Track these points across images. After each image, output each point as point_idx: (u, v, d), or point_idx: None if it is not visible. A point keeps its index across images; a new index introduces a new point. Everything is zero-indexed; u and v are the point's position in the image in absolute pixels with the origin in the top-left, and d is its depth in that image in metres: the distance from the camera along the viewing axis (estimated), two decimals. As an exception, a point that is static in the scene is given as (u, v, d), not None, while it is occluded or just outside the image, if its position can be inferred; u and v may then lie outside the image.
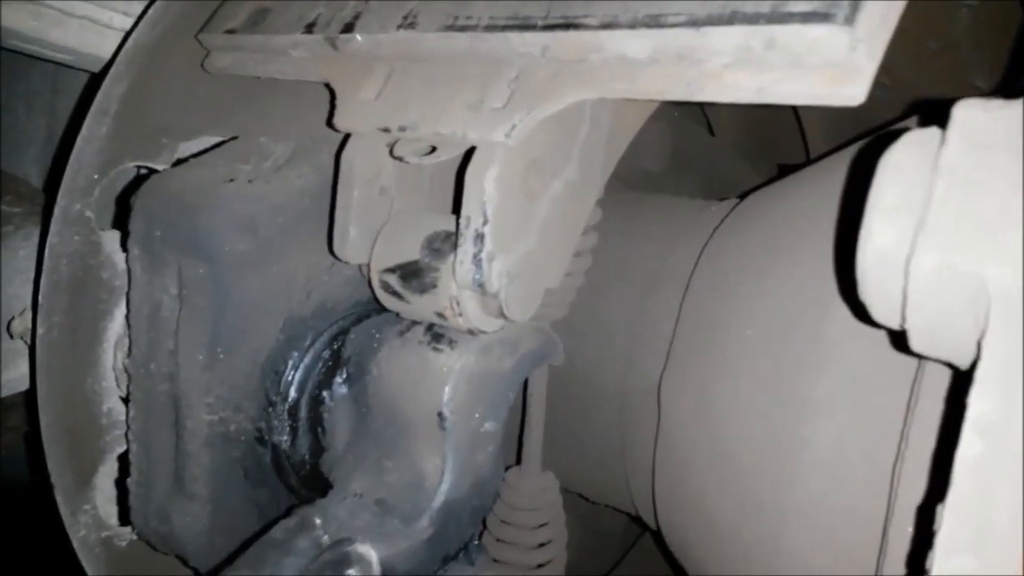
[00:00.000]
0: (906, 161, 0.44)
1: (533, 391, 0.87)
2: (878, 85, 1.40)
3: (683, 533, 0.86)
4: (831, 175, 0.76)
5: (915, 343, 0.45)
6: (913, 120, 0.73)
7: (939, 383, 0.55)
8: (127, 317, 0.84)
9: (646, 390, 0.87)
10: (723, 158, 1.32)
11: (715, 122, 1.37)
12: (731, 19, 0.52)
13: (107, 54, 1.07)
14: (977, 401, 0.39)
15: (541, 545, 0.89)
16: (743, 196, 0.96)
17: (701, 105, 1.38)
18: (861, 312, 0.47)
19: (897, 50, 1.27)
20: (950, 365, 0.46)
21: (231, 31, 0.82)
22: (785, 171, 1.36)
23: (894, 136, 0.47)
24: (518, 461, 0.91)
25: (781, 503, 0.68)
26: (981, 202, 0.41)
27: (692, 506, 0.82)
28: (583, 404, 0.94)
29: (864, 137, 0.88)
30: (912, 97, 1.22)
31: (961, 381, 0.40)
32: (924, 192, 0.42)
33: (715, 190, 1.26)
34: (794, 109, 1.30)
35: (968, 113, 0.43)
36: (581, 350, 0.92)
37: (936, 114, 0.47)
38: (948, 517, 0.38)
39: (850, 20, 0.48)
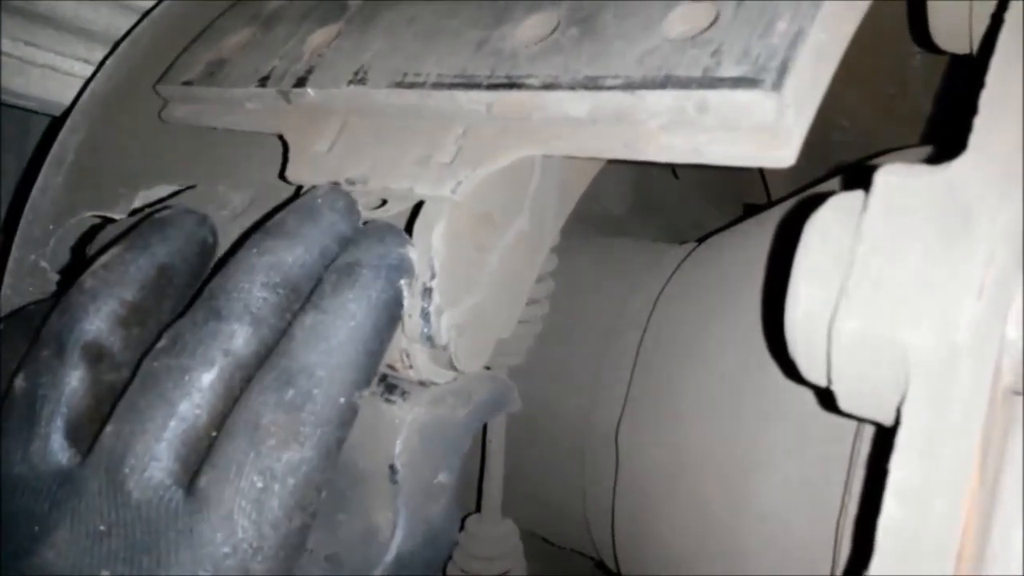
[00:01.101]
0: (830, 225, 0.45)
1: (492, 439, 0.87)
2: (838, 128, 1.42)
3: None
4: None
5: (842, 404, 0.46)
6: (837, 182, 0.74)
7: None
8: (81, 367, 0.84)
9: (605, 435, 0.87)
10: (687, 200, 1.33)
11: (679, 164, 1.38)
12: (664, 83, 0.53)
13: (69, 100, 1.07)
14: (898, 468, 0.39)
15: (501, 598, 0.88)
16: (701, 240, 0.97)
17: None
18: (791, 370, 0.48)
19: (855, 95, 1.29)
20: (877, 424, 0.47)
21: (188, 82, 0.83)
22: (750, 211, 1.38)
23: (821, 199, 0.47)
24: (478, 508, 0.91)
25: (733, 551, 0.68)
26: (900, 268, 0.42)
27: (651, 552, 0.82)
28: (543, 450, 0.94)
29: (824, 178, 0.90)
30: (870, 138, 1.24)
31: (885, 443, 0.40)
32: (846, 257, 0.43)
33: (680, 232, 1.28)
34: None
35: (889, 179, 0.44)
36: (541, 396, 0.93)
37: (863, 177, 0.47)
38: (871, 583, 0.39)
39: (777, 86, 0.49)
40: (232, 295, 0.55)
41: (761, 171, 1.31)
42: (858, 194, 0.46)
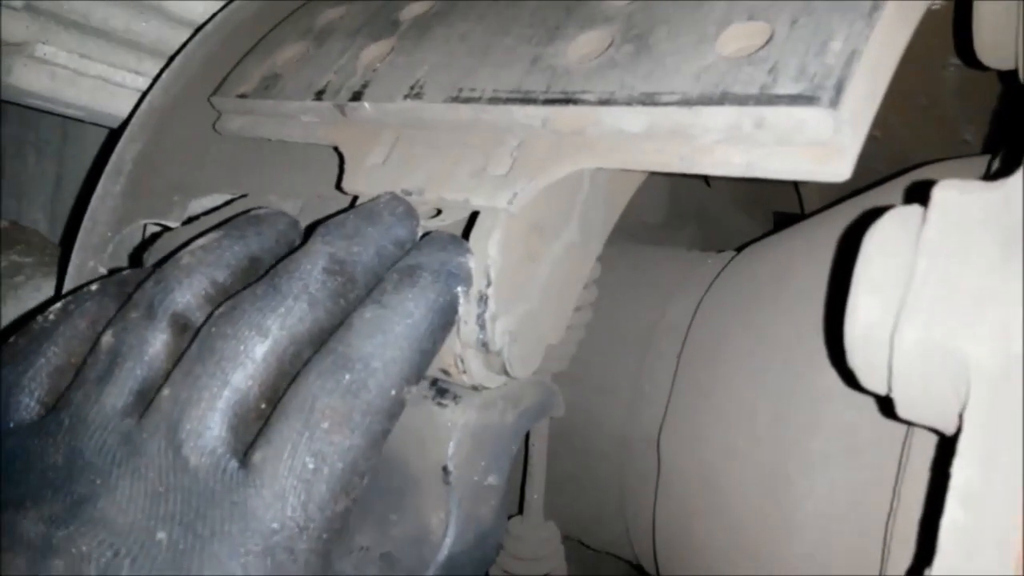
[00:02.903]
0: (890, 238, 0.47)
1: (535, 443, 0.89)
2: (871, 139, 1.44)
3: (684, 583, 0.87)
4: (824, 231, 0.79)
5: (901, 411, 0.47)
6: (897, 189, 0.76)
7: (929, 441, 0.57)
8: (138, 371, 0.86)
9: (646, 441, 0.89)
10: (720, 209, 1.35)
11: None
12: (722, 99, 0.54)
13: (118, 111, 1.10)
14: (960, 471, 0.41)
15: (543, 597, 0.90)
16: (740, 248, 0.98)
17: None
18: (849, 378, 0.49)
19: (889, 107, 1.31)
20: (935, 431, 0.48)
21: (243, 95, 0.86)
22: (781, 220, 1.39)
23: (879, 213, 0.49)
24: (520, 511, 0.92)
25: (777, 557, 0.70)
26: (960, 279, 0.43)
27: (692, 557, 0.83)
28: (585, 455, 0.95)
29: (857, 192, 0.91)
30: (903, 149, 1.25)
31: (945, 448, 0.42)
32: (907, 269, 0.45)
33: (713, 241, 1.29)
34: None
35: (948, 194, 0.46)
36: (583, 402, 0.94)
37: (920, 191, 0.49)
38: (934, 583, 0.40)
39: (835, 103, 0.50)
40: (293, 275, 0.58)
41: (795, 182, 1.32)
42: (916, 208, 0.47)
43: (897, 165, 0.98)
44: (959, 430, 0.41)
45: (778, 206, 1.46)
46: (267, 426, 0.53)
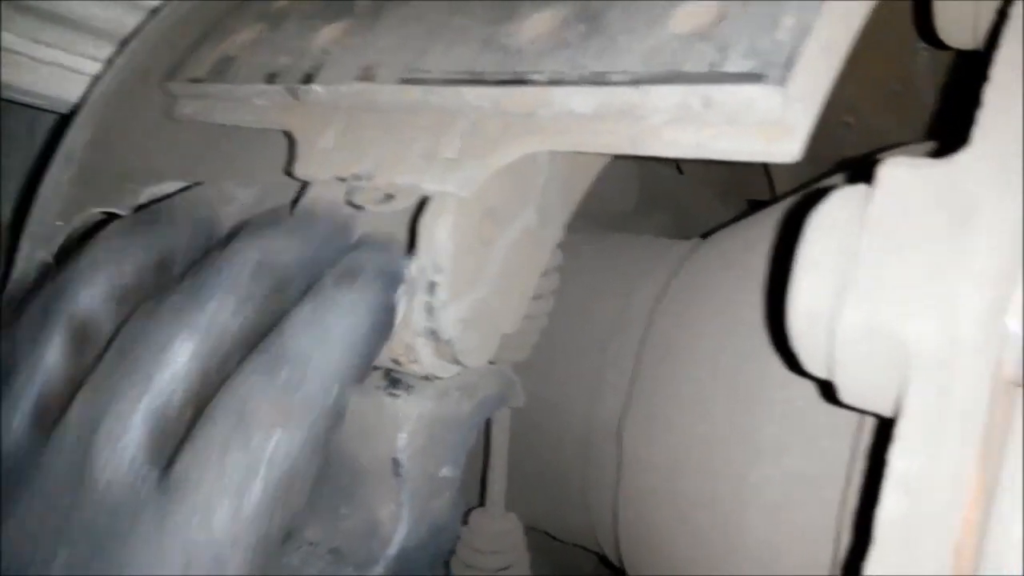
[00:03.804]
0: (834, 218, 0.46)
1: (496, 433, 0.88)
2: (843, 125, 1.42)
3: (645, 572, 0.86)
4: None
5: (844, 396, 0.46)
6: (841, 177, 0.75)
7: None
8: (89, 362, 0.84)
9: (608, 430, 0.87)
10: (692, 195, 1.33)
11: (683, 159, 1.39)
12: (671, 78, 0.53)
13: (77, 98, 1.08)
14: (898, 458, 0.40)
15: (503, 591, 0.89)
16: (705, 235, 0.97)
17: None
18: (793, 362, 0.48)
19: (861, 92, 1.29)
20: (878, 416, 0.47)
21: (196, 79, 0.84)
22: (754, 207, 1.38)
23: (824, 192, 0.48)
24: (481, 503, 0.91)
25: (734, 546, 0.69)
26: (903, 261, 0.42)
27: (653, 546, 0.82)
28: (548, 445, 0.94)
29: (828, 174, 0.90)
30: (875, 135, 1.24)
31: (885, 435, 0.41)
32: (850, 250, 0.44)
33: (684, 228, 1.28)
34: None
35: (893, 172, 0.44)
36: (545, 391, 0.93)
37: (867, 171, 0.48)
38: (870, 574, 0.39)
39: (782, 80, 0.49)
40: (221, 272, 0.54)
41: (766, 168, 1.31)
42: (861, 188, 0.46)
43: (870, 152, 0.97)
44: (897, 415, 0.40)
45: (752, 194, 1.44)
46: (192, 431, 0.49)
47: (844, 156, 1.11)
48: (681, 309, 0.84)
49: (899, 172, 0.45)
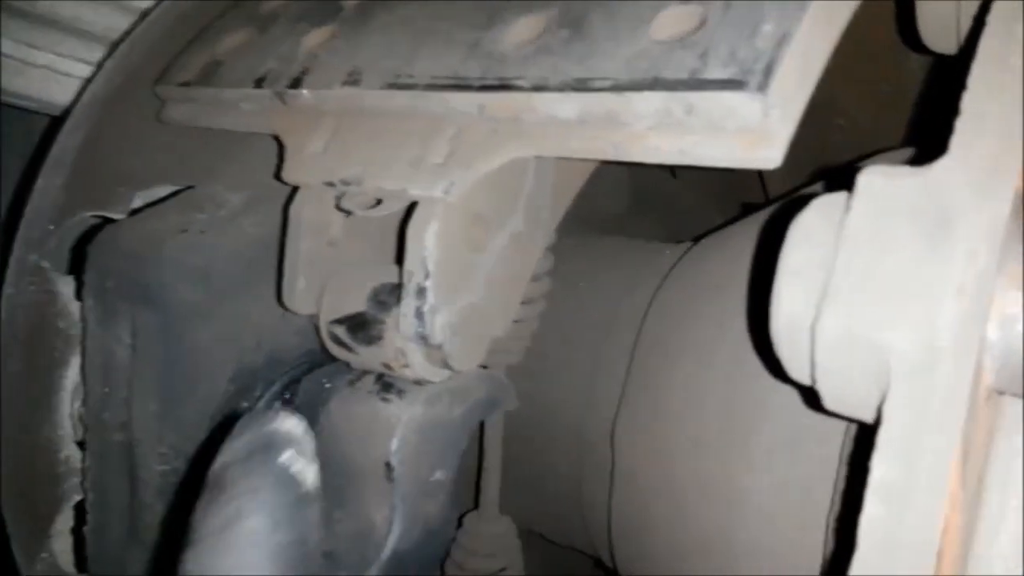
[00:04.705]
0: (814, 226, 0.46)
1: (489, 437, 0.88)
2: (835, 127, 1.42)
3: (639, 575, 0.86)
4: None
5: (827, 403, 0.46)
6: (820, 187, 0.75)
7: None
8: (82, 366, 0.85)
9: (601, 434, 0.88)
10: (685, 199, 1.33)
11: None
12: (652, 85, 0.53)
13: (68, 101, 1.08)
14: (879, 466, 0.40)
15: (498, 592, 0.89)
16: (697, 239, 0.97)
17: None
18: (777, 369, 0.48)
19: (853, 96, 1.29)
20: (861, 423, 0.47)
21: (185, 83, 0.84)
22: (748, 210, 1.38)
23: (805, 200, 0.48)
24: (476, 506, 0.91)
25: (728, 548, 0.69)
26: (882, 269, 0.42)
27: (645, 549, 0.82)
28: (541, 449, 0.94)
29: (821, 177, 0.90)
30: (867, 139, 1.24)
31: (866, 442, 0.41)
32: (829, 258, 0.44)
33: (677, 231, 1.28)
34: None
35: (872, 180, 0.44)
36: (538, 395, 0.93)
37: (847, 179, 0.48)
38: (852, 580, 0.39)
39: (763, 87, 0.49)
40: None
41: (759, 171, 1.31)
42: (841, 196, 0.46)
43: (861, 156, 0.97)
44: (878, 423, 0.40)
45: (747, 198, 1.44)
46: None
47: (836, 160, 1.11)
48: (672, 313, 0.84)
49: (877, 181, 0.45)
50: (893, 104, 1.17)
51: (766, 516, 0.65)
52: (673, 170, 1.33)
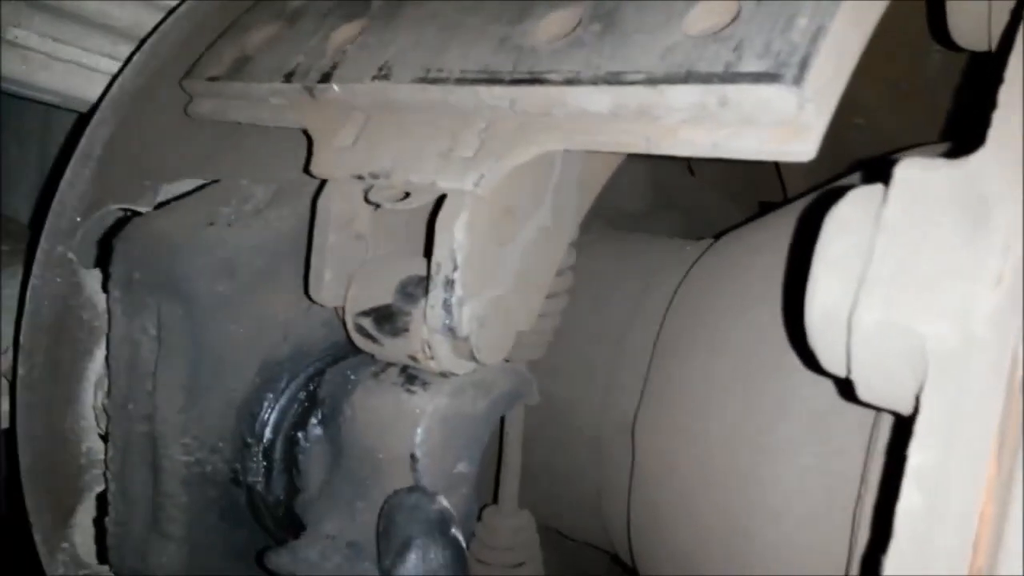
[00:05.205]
0: (851, 217, 0.46)
1: (509, 430, 0.88)
2: (855, 127, 1.41)
3: (658, 572, 0.86)
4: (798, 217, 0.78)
5: (861, 393, 0.46)
6: (857, 177, 0.75)
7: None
8: (107, 358, 0.85)
9: (622, 429, 0.88)
10: (704, 197, 1.34)
11: (695, 161, 1.39)
12: (687, 78, 0.53)
13: (94, 96, 1.09)
14: (916, 453, 0.40)
15: (517, 586, 0.89)
16: (718, 236, 0.97)
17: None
18: (811, 360, 0.48)
19: (873, 93, 1.29)
20: (896, 413, 0.47)
21: (214, 78, 0.84)
22: (766, 209, 1.38)
23: (842, 192, 0.48)
24: (495, 500, 0.92)
25: (748, 545, 0.69)
26: (919, 260, 0.42)
27: (665, 545, 0.82)
28: (560, 443, 0.95)
29: (841, 176, 0.91)
30: (886, 136, 1.24)
31: (903, 431, 0.41)
32: (866, 248, 0.44)
33: (695, 228, 1.28)
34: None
35: (909, 172, 0.45)
36: (559, 389, 0.93)
37: (883, 171, 0.48)
38: (890, 567, 0.39)
39: (798, 80, 0.49)
40: None
41: (778, 169, 1.31)
42: (877, 188, 0.46)
43: (881, 153, 0.97)
44: (916, 411, 0.40)
45: (764, 196, 1.44)
46: None
47: (855, 158, 1.11)
48: (695, 309, 0.84)
49: (914, 172, 0.45)
50: (912, 103, 1.17)
51: (791, 508, 0.65)
52: (692, 169, 1.33)
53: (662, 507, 0.80)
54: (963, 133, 0.65)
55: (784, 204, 0.98)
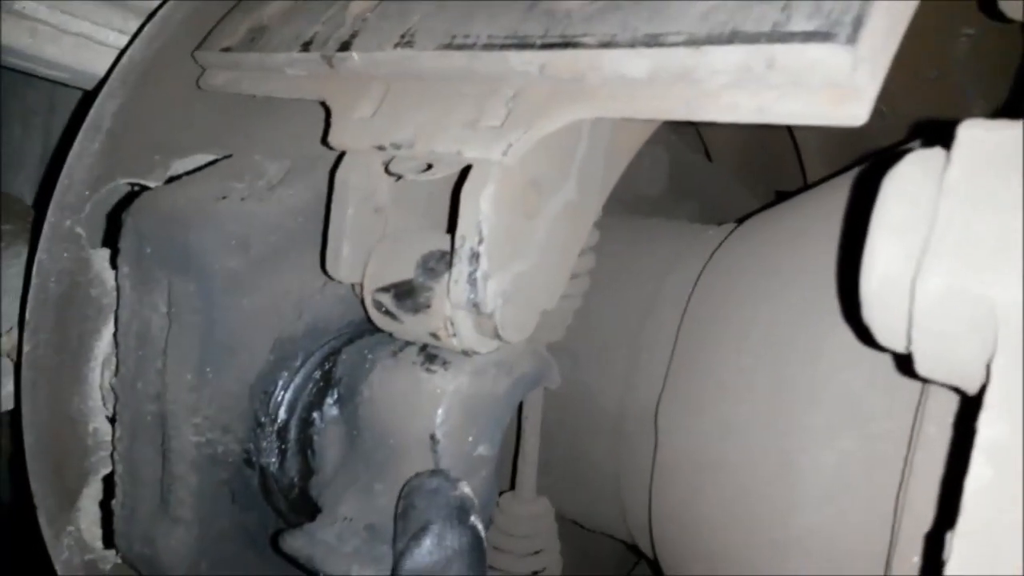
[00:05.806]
0: (911, 180, 0.44)
1: (528, 415, 0.86)
2: (876, 112, 1.40)
3: (681, 562, 0.84)
4: (829, 200, 0.76)
5: (921, 366, 0.44)
6: (915, 143, 0.72)
7: (944, 408, 0.54)
8: (115, 335, 0.83)
9: (643, 414, 0.86)
10: (721, 183, 1.32)
11: (712, 148, 1.37)
12: (731, 38, 0.51)
13: (102, 72, 1.06)
14: (987, 426, 0.38)
15: (535, 573, 0.87)
16: (741, 220, 0.95)
17: (698, 131, 1.38)
18: (864, 335, 0.46)
19: (895, 78, 1.27)
20: (956, 389, 0.45)
21: (227, 49, 0.82)
22: (783, 197, 1.36)
23: (897, 157, 0.46)
24: (512, 486, 0.89)
25: (782, 533, 0.67)
26: (987, 223, 0.40)
27: (690, 534, 0.80)
28: (579, 428, 0.92)
29: (862, 163, 0.88)
30: (909, 125, 1.22)
31: (969, 406, 0.39)
32: (929, 212, 0.42)
33: (713, 215, 1.26)
34: (791, 135, 1.30)
35: (973, 133, 0.42)
36: (578, 373, 0.91)
37: (939, 135, 0.46)
38: (958, 544, 0.37)
39: (852, 39, 0.47)
40: None
41: (798, 155, 1.29)
42: (938, 150, 0.44)
43: (904, 142, 0.95)
44: (986, 382, 0.38)
45: (780, 184, 1.42)
46: None
47: (876, 145, 1.09)
48: (721, 293, 0.82)
49: (978, 133, 0.43)
50: (938, 89, 1.15)
51: (827, 496, 0.63)
52: (709, 154, 1.31)
53: (687, 494, 0.78)
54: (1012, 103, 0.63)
55: (802, 191, 0.96)
